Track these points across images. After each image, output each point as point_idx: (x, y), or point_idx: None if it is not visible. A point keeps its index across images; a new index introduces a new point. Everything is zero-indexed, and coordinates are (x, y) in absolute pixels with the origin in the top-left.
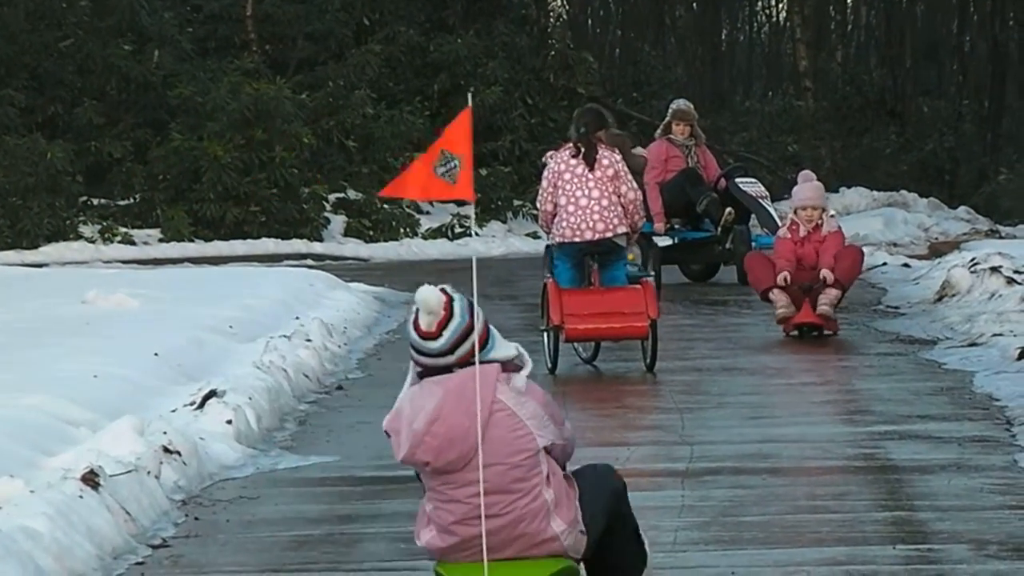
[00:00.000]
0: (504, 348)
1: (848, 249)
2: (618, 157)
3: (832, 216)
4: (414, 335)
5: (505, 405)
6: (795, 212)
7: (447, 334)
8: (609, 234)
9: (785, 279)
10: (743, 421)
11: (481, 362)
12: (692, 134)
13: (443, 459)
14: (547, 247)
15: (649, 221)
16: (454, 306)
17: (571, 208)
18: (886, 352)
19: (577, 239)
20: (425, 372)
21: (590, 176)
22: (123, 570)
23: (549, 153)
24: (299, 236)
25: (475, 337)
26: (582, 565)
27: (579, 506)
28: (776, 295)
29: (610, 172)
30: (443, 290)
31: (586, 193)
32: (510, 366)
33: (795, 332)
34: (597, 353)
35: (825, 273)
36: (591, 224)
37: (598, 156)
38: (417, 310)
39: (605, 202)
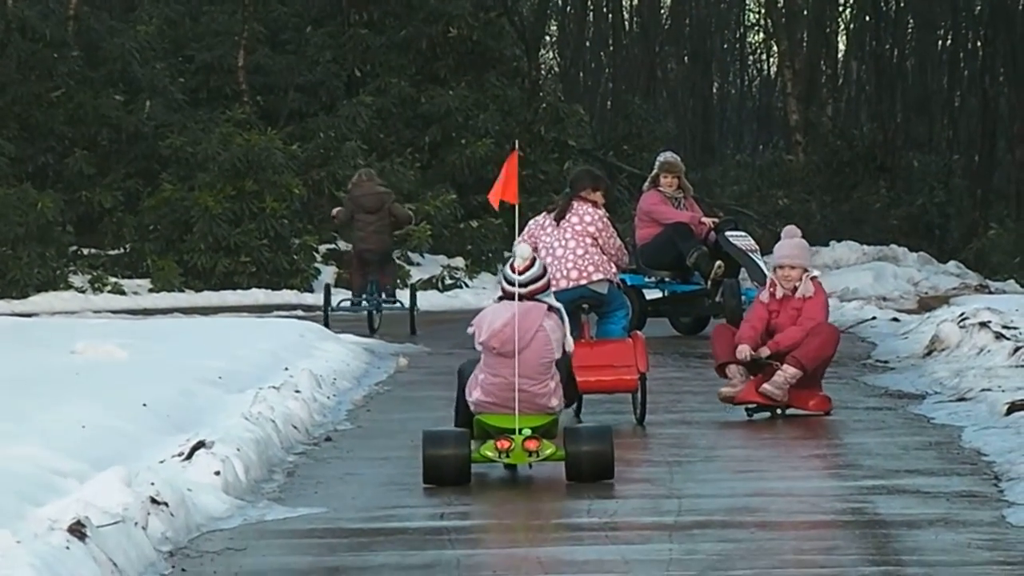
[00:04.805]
0: (551, 299)
1: (821, 328)
2: (600, 213)
3: (814, 277)
4: (507, 270)
5: (544, 329)
6: (774, 270)
7: (527, 274)
8: (583, 281)
9: (747, 356)
10: (732, 475)
11: (539, 300)
12: (680, 186)
13: (505, 348)
14: None
15: (636, 273)
16: (536, 261)
17: (549, 260)
18: (875, 406)
19: (554, 289)
20: (505, 296)
21: (567, 227)
22: None
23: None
24: (289, 287)
25: (539, 284)
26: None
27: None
28: (732, 370)
29: (588, 224)
30: (534, 250)
31: (562, 244)
32: (553, 309)
33: (748, 410)
34: (581, 406)
35: (763, 351)
36: (565, 273)
37: (573, 210)
38: (514, 255)
39: (580, 251)
